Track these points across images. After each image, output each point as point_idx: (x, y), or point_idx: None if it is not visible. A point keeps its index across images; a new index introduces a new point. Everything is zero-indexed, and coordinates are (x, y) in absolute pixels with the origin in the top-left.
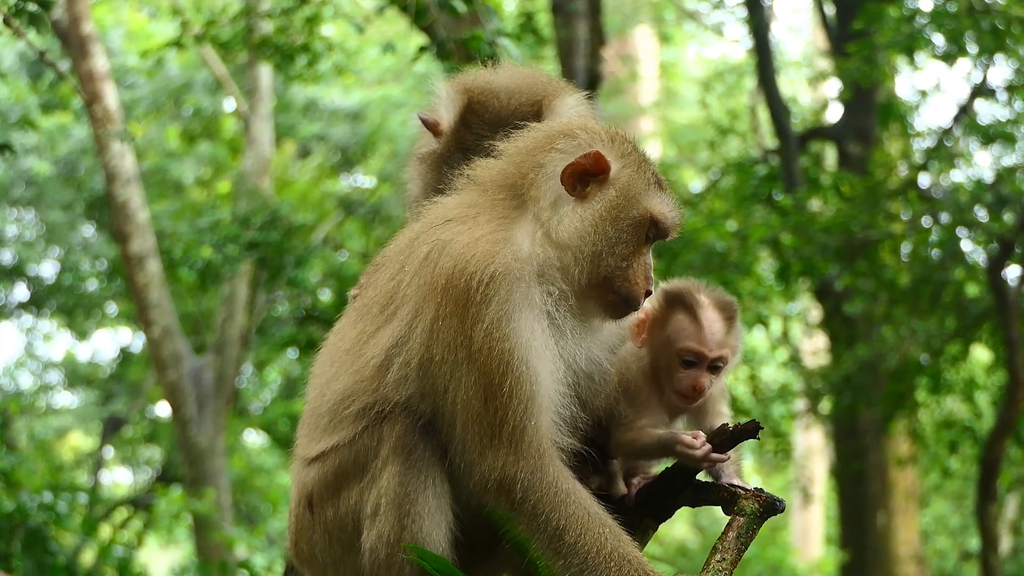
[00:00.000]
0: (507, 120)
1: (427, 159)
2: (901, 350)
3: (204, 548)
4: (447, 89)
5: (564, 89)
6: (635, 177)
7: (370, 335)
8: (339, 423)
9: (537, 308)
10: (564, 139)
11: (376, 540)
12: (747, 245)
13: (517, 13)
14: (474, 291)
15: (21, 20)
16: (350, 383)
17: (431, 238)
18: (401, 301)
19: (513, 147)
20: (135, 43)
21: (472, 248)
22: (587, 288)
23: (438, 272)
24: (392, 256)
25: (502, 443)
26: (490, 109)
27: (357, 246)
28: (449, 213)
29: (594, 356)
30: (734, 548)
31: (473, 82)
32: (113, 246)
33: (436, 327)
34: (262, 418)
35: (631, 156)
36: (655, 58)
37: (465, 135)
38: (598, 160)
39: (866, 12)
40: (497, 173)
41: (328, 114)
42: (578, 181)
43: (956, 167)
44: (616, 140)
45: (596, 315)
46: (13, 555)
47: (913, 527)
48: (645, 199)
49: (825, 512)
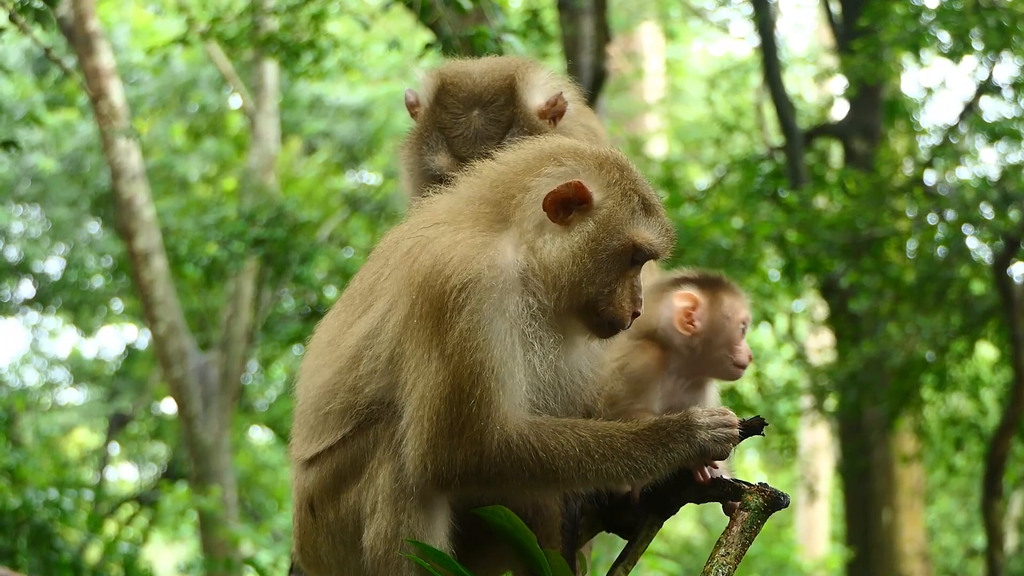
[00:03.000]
0: (480, 96)
1: (408, 143)
2: (906, 347)
3: (209, 545)
4: (423, 74)
5: (537, 64)
6: (618, 206)
7: (349, 325)
8: (325, 421)
9: (510, 317)
10: (552, 164)
11: (375, 537)
12: (752, 242)
13: (523, 10)
14: (448, 296)
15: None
16: (329, 376)
17: (416, 234)
18: (379, 293)
19: (507, 160)
20: (140, 40)
21: (452, 251)
22: (569, 310)
23: (416, 268)
24: (379, 250)
25: (463, 442)
26: (463, 87)
27: (363, 243)
28: (437, 216)
29: (574, 368)
30: (738, 543)
31: (448, 67)
32: (118, 243)
33: (410, 323)
34: (267, 415)
35: (616, 184)
36: (660, 55)
37: (441, 114)
38: (579, 190)
39: (871, 9)
40: (489, 186)
41: (334, 111)
42: (561, 209)
43: (962, 164)
44: (604, 166)
45: (580, 332)
46: (19, 552)
47: (918, 524)
48: (628, 228)
49: (830, 509)
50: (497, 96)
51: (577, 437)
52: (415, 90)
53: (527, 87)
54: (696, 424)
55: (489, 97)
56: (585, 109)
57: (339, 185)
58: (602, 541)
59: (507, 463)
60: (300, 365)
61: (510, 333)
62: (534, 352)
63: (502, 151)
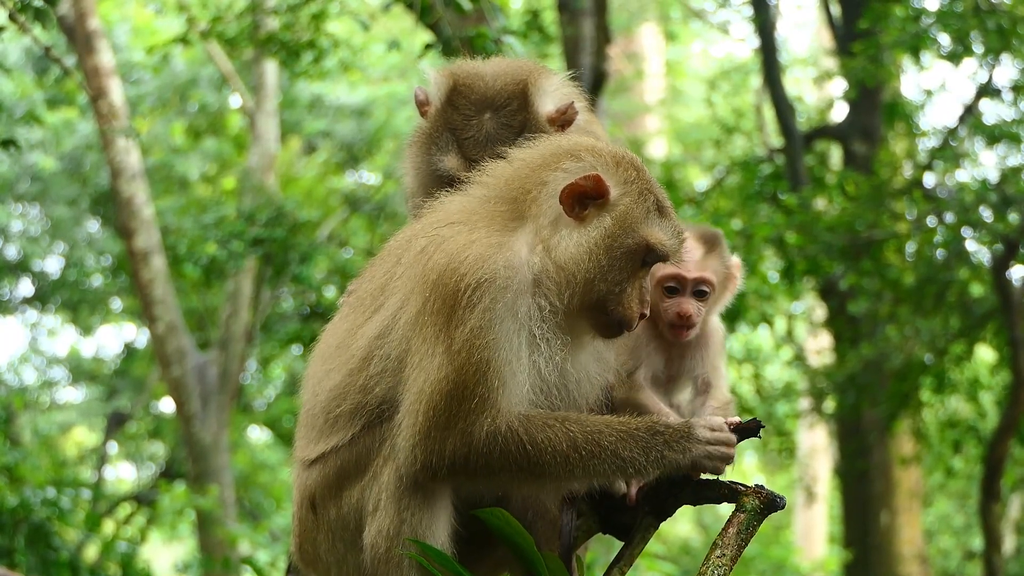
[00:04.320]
0: (493, 100)
1: (416, 141)
2: (905, 349)
3: (207, 544)
4: (435, 73)
5: (549, 71)
6: (634, 204)
7: (359, 326)
8: (334, 423)
9: (520, 319)
10: (570, 159)
11: (376, 534)
12: (752, 244)
13: (523, 10)
14: (461, 294)
15: (27, 15)
16: (339, 379)
17: (430, 233)
18: (391, 292)
19: (521, 158)
20: (141, 39)
21: (467, 249)
22: (580, 309)
23: (430, 266)
24: (389, 250)
25: (456, 434)
26: (475, 90)
27: (362, 243)
28: (452, 216)
29: (581, 369)
30: (734, 544)
31: (460, 67)
32: (118, 242)
33: (420, 320)
34: (266, 414)
35: (634, 182)
36: (661, 56)
37: (452, 115)
38: (597, 183)
39: (872, 11)
40: (504, 184)
41: (334, 110)
42: (577, 203)
43: (961, 167)
44: (621, 164)
45: (588, 332)
46: (16, 550)
47: (917, 526)
48: (643, 227)
49: (829, 511)
50: (510, 100)
51: (566, 432)
52: (425, 88)
53: (539, 93)
54: (695, 437)
55: (502, 101)
56: (592, 118)
57: (339, 185)
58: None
59: (494, 454)
60: (306, 370)
61: (519, 334)
62: (540, 354)
63: (514, 151)
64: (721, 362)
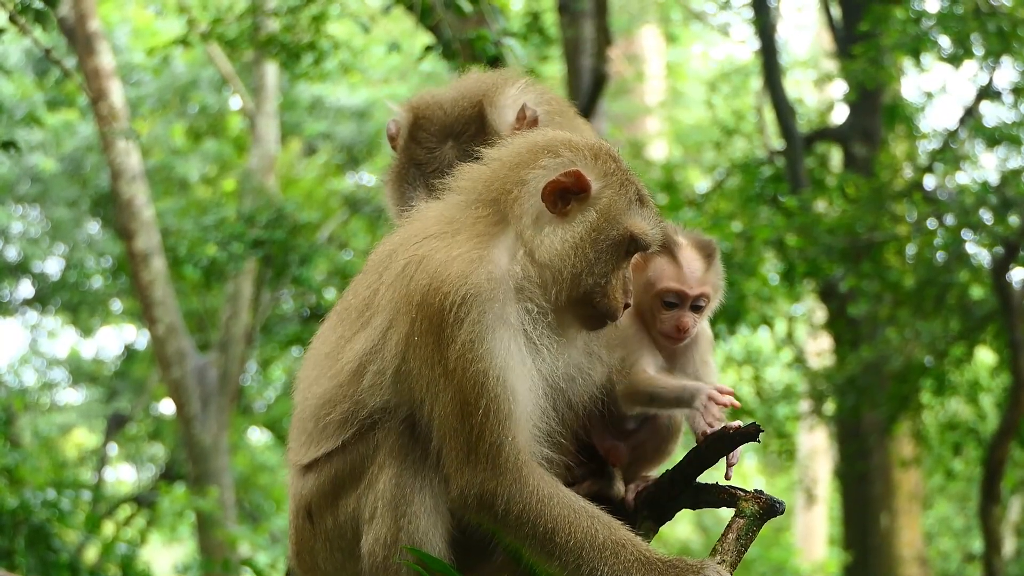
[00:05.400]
0: (452, 127)
1: (389, 179)
2: (905, 352)
3: (207, 546)
4: (398, 108)
5: (505, 82)
6: (616, 196)
7: (347, 340)
8: (325, 429)
9: (512, 326)
10: (548, 156)
11: (373, 543)
12: (752, 246)
13: (523, 12)
14: (447, 312)
15: (27, 17)
16: (329, 387)
17: (409, 252)
18: (376, 309)
19: (497, 157)
20: (141, 40)
21: (448, 267)
22: (566, 304)
23: (413, 287)
24: (372, 263)
25: (479, 460)
26: (435, 121)
27: (362, 244)
28: (430, 228)
29: (573, 366)
30: (734, 550)
31: (420, 99)
32: (118, 243)
33: (412, 341)
34: (266, 416)
35: (613, 174)
36: (661, 58)
37: (416, 150)
38: (579, 179)
39: (872, 13)
40: (482, 186)
41: (334, 112)
42: (559, 199)
43: (961, 169)
44: (599, 157)
45: (574, 327)
46: (16, 552)
47: (916, 529)
48: (626, 218)
49: (829, 513)
50: (468, 125)
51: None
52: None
53: (496, 111)
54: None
55: (460, 127)
56: (563, 108)
57: (339, 187)
58: None
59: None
60: (298, 374)
61: (515, 340)
62: (542, 359)
63: (489, 150)
64: (710, 357)
